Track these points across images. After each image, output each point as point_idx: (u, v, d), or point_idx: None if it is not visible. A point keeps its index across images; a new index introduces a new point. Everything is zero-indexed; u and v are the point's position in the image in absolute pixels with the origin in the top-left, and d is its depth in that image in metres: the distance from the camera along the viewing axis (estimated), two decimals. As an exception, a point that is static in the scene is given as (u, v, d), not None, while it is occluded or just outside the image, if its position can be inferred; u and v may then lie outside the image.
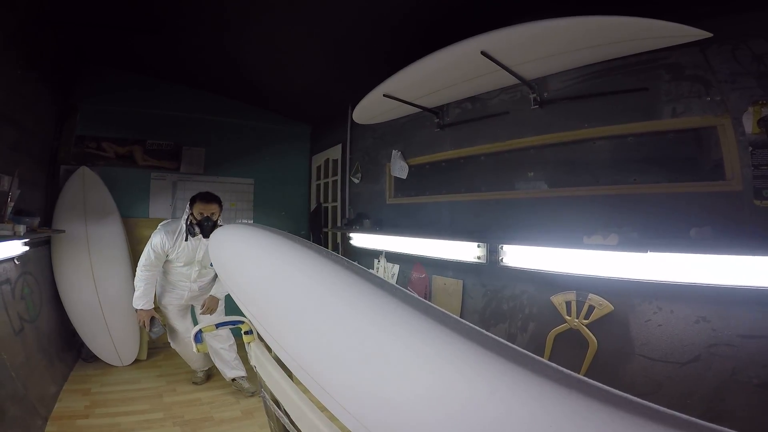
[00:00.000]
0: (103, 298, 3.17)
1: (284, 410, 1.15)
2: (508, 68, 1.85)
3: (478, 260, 2.20)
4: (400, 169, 2.92)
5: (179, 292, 2.80)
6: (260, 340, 1.33)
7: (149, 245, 2.65)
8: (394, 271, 2.94)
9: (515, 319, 2.07)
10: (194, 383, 2.95)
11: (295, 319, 0.95)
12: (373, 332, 0.76)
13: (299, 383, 0.94)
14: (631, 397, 0.53)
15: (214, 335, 2.77)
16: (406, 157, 2.91)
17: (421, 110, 2.58)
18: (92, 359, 3.14)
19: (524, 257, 1.97)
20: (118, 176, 3.67)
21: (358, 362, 0.75)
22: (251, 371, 1.54)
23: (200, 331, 1.51)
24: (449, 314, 0.78)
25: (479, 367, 0.60)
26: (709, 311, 1.40)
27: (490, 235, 2.19)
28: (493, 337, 0.69)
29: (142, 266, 2.64)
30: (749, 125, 1.36)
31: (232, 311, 1.81)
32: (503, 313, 2.14)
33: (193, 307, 2.94)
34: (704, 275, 1.36)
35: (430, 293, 2.61)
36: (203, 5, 2.52)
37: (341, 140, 3.80)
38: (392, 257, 2.97)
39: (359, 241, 3.18)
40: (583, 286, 1.74)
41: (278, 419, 1.21)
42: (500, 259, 2.05)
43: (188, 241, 2.65)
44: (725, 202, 1.43)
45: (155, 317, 2.69)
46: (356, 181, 3.55)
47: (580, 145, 1.88)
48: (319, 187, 4.42)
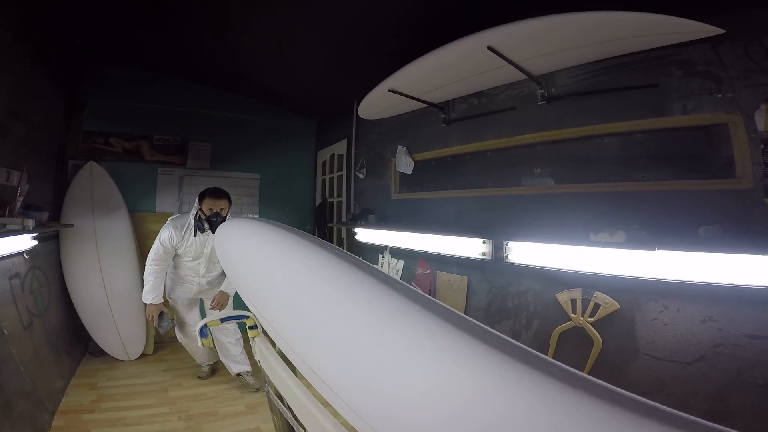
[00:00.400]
0: (110, 292, 3.21)
1: (287, 405, 1.16)
2: (515, 63, 1.83)
3: (483, 256, 2.19)
4: (405, 164, 2.91)
5: (188, 285, 2.82)
6: (265, 335, 1.34)
7: (158, 239, 2.67)
8: (398, 266, 2.94)
9: (520, 316, 2.06)
10: (199, 378, 2.98)
11: (299, 314, 0.95)
12: (376, 328, 0.76)
13: (303, 378, 0.94)
14: (636, 396, 0.53)
15: (220, 329, 2.79)
16: (411, 152, 2.90)
17: (426, 105, 2.56)
18: (99, 353, 3.18)
19: (530, 254, 1.96)
20: (125, 171, 3.71)
21: (361, 358, 0.75)
22: (256, 366, 1.55)
23: (205, 325, 1.52)
24: (453, 311, 0.77)
25: (482, 364, 0.60)
26: (716, 311, 1.39)
27: (495, 231, 2.17)
28: (497, 334, 0.68)
29: (151, 260, 2.66)
30: (761, 123, 1.34)
31: (238, 306, 1.83)
32: (508, 310, 2.13)
33: (202, 301, 2.96)
34: (712, 274, 1.34)
35: (434, 289, 2.60)
36: (209, 2, 2.51)
37: (347, 135, 3.80)
38: (397, 253, 2.96)
39: (364, 236, 3.18)
40: (589, 283, 1.73)
41: (281, 414, 1.22)
42: (506, 255, 2.04)
43: (197, 236, 2.67)
44: (735, 200, 1.40)
45: (164, 312, 2.71)
46: (361, 176, 3.55)
47: (587, 141, 1.85)
48: (324, 182, 4.43)
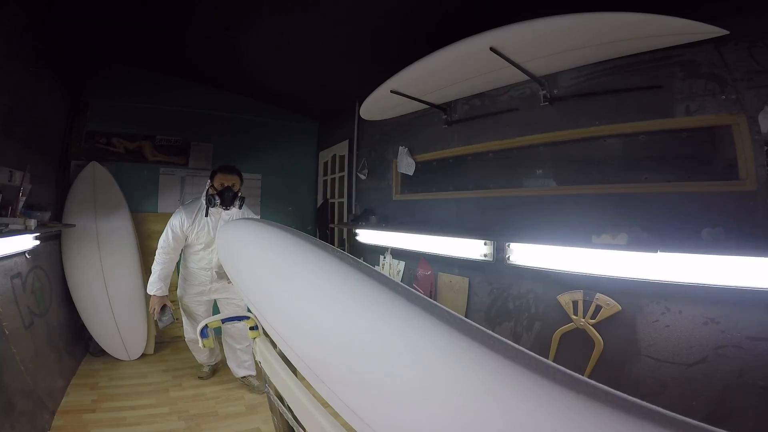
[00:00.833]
0: (111, 292, 3.21)
1: (288, 406, 1.16)
2: (517, 65, 1.82)
3: (484, 258, 2.18)
4: (407, 165, 2.91)
5: (201, 279, 2.77)
6: (265, 335, 1.34)
7: (168, 225, 2.66)
8: (399, 267, 2.93)
9: (521, 318, 2.05)
10: (200, 378, 2.98)
11: (299, 315, 0.95)
12: (376, 330, 0.76)
13: (303, 379, 0.94)
14: (637, 400, 0.52)
15: (231, 335, 2.78)
16: (413, 153, 2.90)
17: (428, 106, 2.56)
18: (100, 353, 3.18)
19: (531, 255, 1.95)
20: (127, 171, 3.72)
21: (361, 359, 0.75)
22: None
23: (206, 326, 1.52)
24: (454, 313, 0.77)
25: (482, 367, 0.60)
26: (718, 313, 1.38)
27: (497, 232, 2.16)
28: (497, 337, 0.68)
29: (159, 248, 2.65)
30: (765, 124, 1.33)
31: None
32: (509, 311, 2.12)
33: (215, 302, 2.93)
34: (715, 276, 1.33)
35: (435, 290, 2.60)
36: (212, 2, 2.52)
37: (348, 136, 3.80)
38: (398, 254, 2.96)
39: (365, 237, 3.18)
40: (590, 285, 1.72)
41: (281, 415, 1.22)
42: (507, 257, 2.03)
43: (208, 216, 2.64)
44: (738, 202, 1.40)
45: (167, 305, 2.68)
46: (363, 177, 3.54)
47: (590, 142, 1.85)
48: (326, 182, 4.43)
